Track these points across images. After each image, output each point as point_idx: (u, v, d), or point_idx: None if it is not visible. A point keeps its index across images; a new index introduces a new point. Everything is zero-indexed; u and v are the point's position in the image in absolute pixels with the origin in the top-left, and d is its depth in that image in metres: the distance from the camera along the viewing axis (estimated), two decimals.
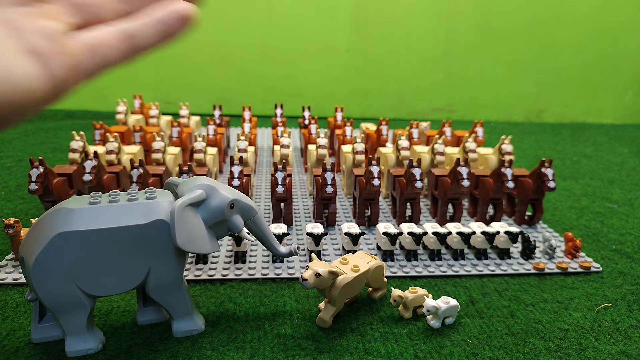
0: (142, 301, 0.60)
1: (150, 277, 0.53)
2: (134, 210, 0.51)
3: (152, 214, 0.51)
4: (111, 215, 0.50)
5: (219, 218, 0.56)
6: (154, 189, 0.55)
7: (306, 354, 0.55)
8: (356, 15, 1.97)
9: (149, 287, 0.54)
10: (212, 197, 0.55)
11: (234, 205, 0.57)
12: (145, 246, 0.52)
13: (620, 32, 2.07)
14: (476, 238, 0.79)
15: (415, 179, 0.87)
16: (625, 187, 1.22)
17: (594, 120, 2.20)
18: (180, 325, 0.58)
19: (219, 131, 1.25)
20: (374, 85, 2.08)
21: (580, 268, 0.77)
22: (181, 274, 0.56)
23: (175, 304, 0.56)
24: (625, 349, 0.59)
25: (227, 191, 0.57)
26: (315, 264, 0.58)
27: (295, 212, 0.98)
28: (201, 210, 0.55)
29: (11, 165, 1.20)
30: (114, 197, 0.52)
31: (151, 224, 0.51)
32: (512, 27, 2.03)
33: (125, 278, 0.52)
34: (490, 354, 0.57)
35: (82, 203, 0.52)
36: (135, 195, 0.53)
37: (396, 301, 0.63)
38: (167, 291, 0.55)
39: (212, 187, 0.55)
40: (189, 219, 0.52)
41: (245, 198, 0.59)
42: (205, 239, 0.54)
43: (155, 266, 0.53)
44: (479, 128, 1.26)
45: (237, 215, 0.58)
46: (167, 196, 0.55)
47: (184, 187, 0.55)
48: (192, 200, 0.53)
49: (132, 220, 0.51)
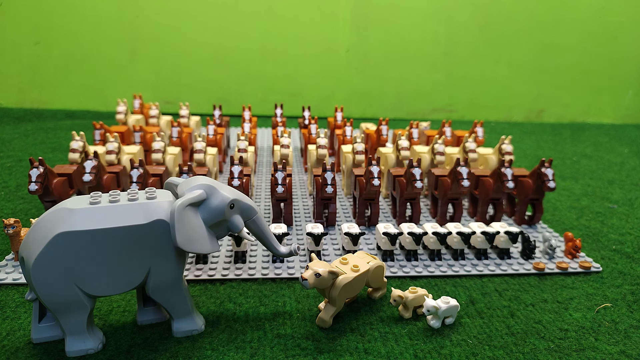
0: (142, 301, 0.60)
1: (150, 277, 0.53)
2: (134, 210, 0.51)
3: (153, 214, 0.51)
4: (111, 215, 0.50)
5: (219, 218, 0.56)
6: (154, 189, 0.55)
7: (306, 354, 0.55)
8: (356, 16, 1.97)
9: (148, 287, 0.54)
10: (212, 197, 0.55)
11: (234, 205, 0.57)
12: (145, 246, 0.52)
13: (620, 32, 2.07)
14: (476, 238, 0.79)
15: (415, 179, 0.87)
16: (625, 187, 1.22)
17: (594, 120, 2.20)
18: (180, 325, 0.58)
19: (219, 131, 1.25)
20: (374, 86, 2.08)
21: (580, 268, 0.77)
22: (181, 274, 0.56)
23: (175, 304, 0.56)
24: (625, 349, 0.59)
25: (227, 191, 0.57)
26: (315, 264, 0.58)
27: (295, 212, 0.98)
28: (201, 211, 0.55)
29: (11, 165, 1.20)
30: (114, 197, 0.52)
31: (151, 224, 0.51)
32: (512, 28, 2.03)
33: (125, 278, 0.52)
34: (490, 354, 0.57)
35: (82, 203, 0.52)
36: (136, 195, 0.53)
37: (396, 301, 0.63)
38: (167, 291, 0.55)
39: (212, 187, 0.55)
40: (189, 219, 0.52)
41: (246, 198, 0.59)
42: (205, 239, 0.54)
43: (155, 266, 0.53)
44: (479, 128, 1.26)
45: (237, 215, 0.58)
46: (167, 196, 0.55)
47: (184, 187, 0.55)
48: (192, 200, 0.53)
49: (132, 220, 0.51)
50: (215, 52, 1.97)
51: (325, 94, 2.07)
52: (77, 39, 1.90)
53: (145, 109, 1.42)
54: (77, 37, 1.90)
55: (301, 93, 2.05)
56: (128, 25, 1.91)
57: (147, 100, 1.78)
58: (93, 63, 1.94)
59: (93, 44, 1.92)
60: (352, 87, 2.08)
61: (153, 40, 1.94)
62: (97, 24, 1.89)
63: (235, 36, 1.96)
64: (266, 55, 2.00)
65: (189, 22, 1.93)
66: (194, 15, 1.92)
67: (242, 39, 1.96)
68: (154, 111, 1.35)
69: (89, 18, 1.88)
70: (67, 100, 1.98)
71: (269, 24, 1.95)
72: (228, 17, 1.93)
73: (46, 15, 1.86)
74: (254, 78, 2.02)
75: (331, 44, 2.01)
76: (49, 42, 1.90)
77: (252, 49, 1.98)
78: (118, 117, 1.32)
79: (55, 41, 1.90)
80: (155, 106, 1.36)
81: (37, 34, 1.88)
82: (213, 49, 1.97)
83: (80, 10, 1.87)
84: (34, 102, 1.97)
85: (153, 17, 1.91)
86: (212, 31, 1.94)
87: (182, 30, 1.93)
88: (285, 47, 1.99)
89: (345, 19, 1.97)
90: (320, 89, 2.06)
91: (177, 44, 1.95)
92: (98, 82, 1.97)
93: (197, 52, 1.96)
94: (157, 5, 1.89)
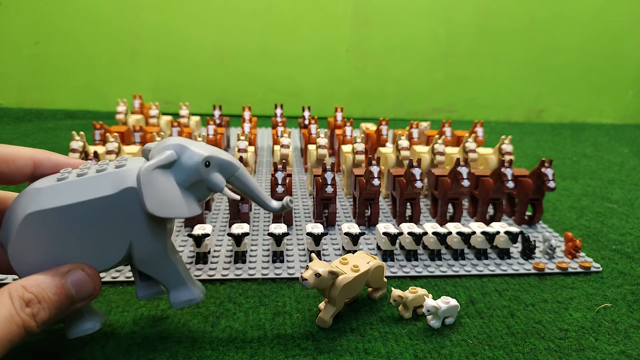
0: (138, 276, 0.57)
1: (134, 250, 0.50)
2: (102, 182, 0.48)
3: (122, 182, 0.48)
4: (79, 190, 0.48)
5: (195, 178, 0.52)
6: (125, 157, 0.52)
7: (306, 354, 0.55)
8: (356, 16, 1.97)
9: (135, 261, 0.51)
10: (183, 156, 0.51)
11: (209, 162, 0.53)
12: (119, 218, 0.49)
13: (620, 32, 2.07)
14: (476, 238, 0.79)
15: (415, 179, 0.87)
16: (625, 187, 1.22)
17: (594, 120, 2.20)
18: (176, 296, 0.55)
19: (219, 131, 1.25)
20: (374, 86, 2.08)
21: (580, 268, 0.77)
22: (165, 244, 0.52)
23: (166, 274, 0.54)
24: (625, 349, 0.59)
25: (201, 148, 0.52)
26: (315, 264, 0.58)
27: (295, 212, 0.98)
28: (174, 172, 0.51)
29: None
30: (82, 170, 0.50)
31: (121, 194, 0.48)
32: (512, 28, 2.03)
33: (107, 253, 0.50)
34: (490, 354, 0.57)
35: (50, 181, 0.49)
36: (105, 166, 0.50)
37: (396, 301, 0.63)
38: (154, 263, 0.52)
39: (183, 146, 0.52)
40: (159, 182, 0.49)
41: (224, 154, 0.55)
42: (180, 202, 0.51)
43: (135, 238, 0.50)
44: (479, 128, 1.26)
45: (216, 174, 0.53)
46: (139, 163, 0.51)
47: (155, 150, 0.52)
48: (160, 163, 0.49)
49: (100, 191, 0.48)
50: (215, 52, 1.97)
51: (325, 94, 2.07)
52: (77, 39, 1.90)
53: (145, 109, 1.42)
54: (77, 37, 1.90)
55: (301, 93, 2.05)
56: (128, 25, 1.91)
57: (147, 100, 1.78)
58: (93, 63, 1.94)
59: (93, 44, 1.92)
60: (352, 87, 2.08)
61: (153, 40, 1.94)
62: (97, 24, 1.90)
63: (235, 36, 1.96)
64: (266, 55, 2.00)
65: (189, 22, 1.93)
66: (194, 15, 1.92)
67: (242, 39, 1.97)
68: (154, 111, 1.35)
69: (89, 18, 1.88)
70: (67, 100, 1.98)
71: (269, 24, 1.95)
72: (228, 17, 1.93)
73: (46, 15, 1.86)
74: (254, 78, 2.02)
75: (331, 44, 2.01)
76: (49, 42, 1.90)
77: (252, 49, 1.98)
78: (118, 117, 1.32)
79: (55, 41, 1.90)
80: (155, 106, 1.36)
81: (37, 34, 1.88)
82: (213, 49, 1.97)
83: (80, 10, 1.87)
84: (34, 102, 1.97)
85: (153, 17, 1.91)
86: (212, 31, 1.94)
87: (182, 30, 1.94)
88: (285, 47, 1.99)
89: (345, 19, 1.97)
90: (320, 89, 2.06)
91: (177, 44, 1.95)
92: (98, 82, 1.97)
93: (197, 52, 1.97)
94: (157, 5, 1.89)
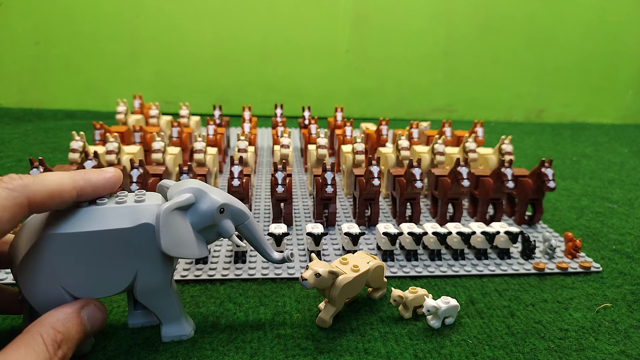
0: (133, 304, 0.59)
1: (138, 281, 0.52)
2: (121, 213, 0.50)
3: (140, 217, 0.50)
4: (98, 218, 0.50)
5: (209, 222, 0.55)
6: (143, 192, 0.54)
7: (306, 354, 0.55)
8: (356, 15, 1.97)
9: (136, 291, 0.53)
10: (201, 201, 0.54)
11: (224, 209, 0.56)
12: (131, 250, 0.51)
13: (620, 31, 2.07)
14: (476, 238, 0.79)
15: (415, 179, 0.87)
16: (625, 187, 1.22)
17: (594, 120, 2.20)
18: (168, 330, 0.57)
19: (219, 131, 1.25)
20: (374, 85, 2.08)
21: (580, 268, 0.77)
22: (169, 279, 0.55)
23: (163, 308, 0.56)
24: (625, 349, 0.59)
25: (218, 195, 0.56)
26: (315, 264, 0.58)
27: (295, 212, 0.98)
28: (190, 214, 0.54)
29: (11, 165, 1.20)
30: (102, 199, 0.52)
31: (137, 228, 0.50)
32: (512, 27, 2.03)
33: (111, 281, 0.52)
34: (490, 354, 0.57)
35: None
36: (124, 198, 0.52)
37: (396, 301, 0.63)
38: (154, 295, 0.54)
39: (201, 190, 0.54)
40: (175, 223, 0.51)
41: (237, 202, 0.58)
42: (192, 244, 0.53)
43: (142, 270, 0.52)
44: (479, 128, 1.26)
45: (228, 220, 0.57)
46: (157, 199, 0.54)
47: (174, 191, 0.54)
48: (179, 204, 0.52)
49: (118, 223, 0.50)
50: (215, 52, 1.97)
51: (325, 94, 2.07)
52: (77, 39, 1.90)
53: (145, 109, 1.42)
54: (77, 37, 1.90)
55: (301, 93, 2.05)
56: (128, 25, 1.91)
57: (147, 100, 1.78)
58: (93, 63, 1.94)
59: (93, 44, 1.92)
60: (352, 87, 2.08)
61: (153, 40, 1.94)
62: (97, 24, 1.90)
63: (235, 36, 1.96)
64: (266, 55, 2.00)
65: (189, 22, 1.93)
66: (194, 15, 1.92)
67: (242, 39, 1.97)
68: (154, 111, 1.35)
69: (89, 18, 1.88)
70: (67, 100, 1.98)
71: (269, 24, 1.95)
72: (228, 17, 1.93)
73: (46, 15, 1.86)
74: (254, 78, 2.02)
75: (331, 44, 2.01)
76: (49, 42, 1.90)
77: (252, 49, 1.98)
78: (118, 117, 1.32)
79: (55, 41, 1.90)
80: (155, 106, 1.36)
81: (37, 34, 1.88)
82: (213, 49, 1.97)
83: (80, 10, 1.87)
84: (34, 102, 1.97)
85: (153, 17, 1.91)
86: (212, 31, 1.94)
87: (182, 30, 1.94)
88: (285, 47, 1.99)
89: (345, 19, 1.97)
90: (320, 89, 2.06)
91: (177, 44, 1.95)
92: (98, 82, 1.97)
93: (197, 52, 1.97)
94: (157, 5, 1.90)
